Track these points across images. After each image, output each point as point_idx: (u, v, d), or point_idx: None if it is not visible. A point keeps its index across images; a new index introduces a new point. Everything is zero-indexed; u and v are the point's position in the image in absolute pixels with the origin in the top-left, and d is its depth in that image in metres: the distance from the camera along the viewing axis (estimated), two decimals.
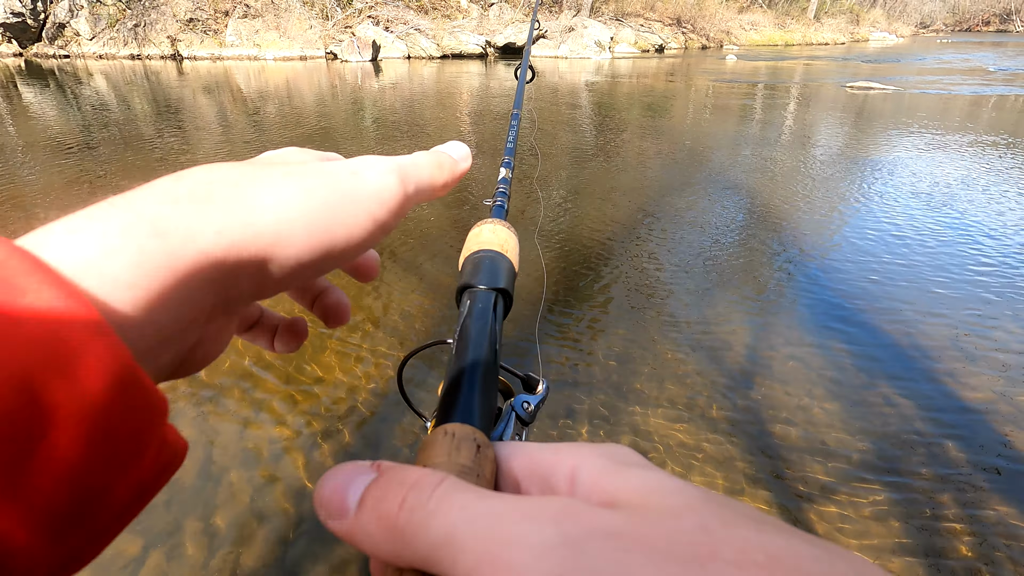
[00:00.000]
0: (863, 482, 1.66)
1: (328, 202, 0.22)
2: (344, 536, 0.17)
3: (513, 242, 0.40)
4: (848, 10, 36.05)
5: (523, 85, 0.77)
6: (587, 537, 0.14)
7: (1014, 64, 16.95)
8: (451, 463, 0.19)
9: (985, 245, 3.37)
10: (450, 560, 0.15)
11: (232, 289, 0.20)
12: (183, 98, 8.91)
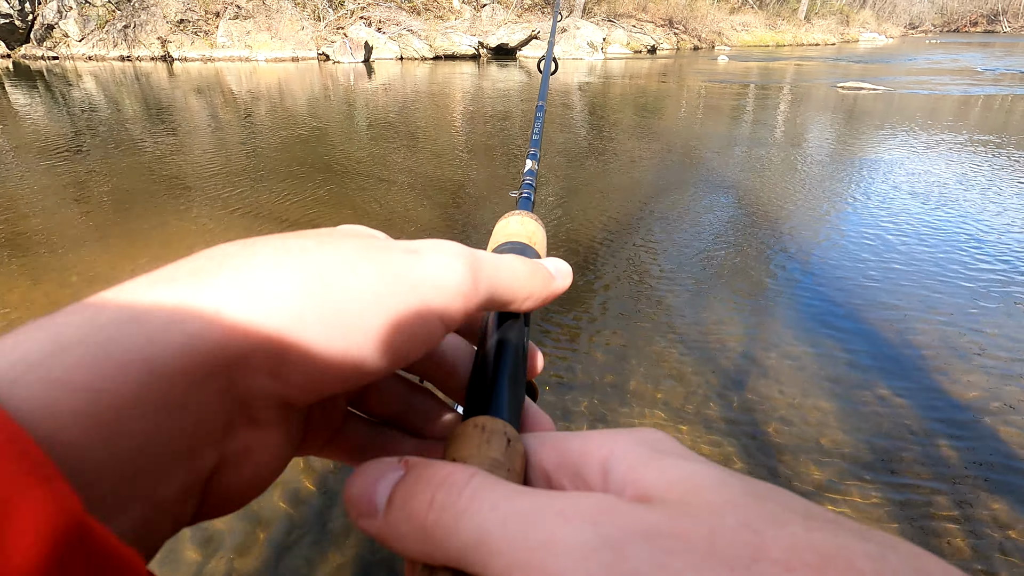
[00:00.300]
0: (858, 481, 1.67)
1: (368, 278, 0.18)
2: (375, 536, 0.17)
3: (541, 235, 0.38)
4: (838, 11, 36.32)
5: (547, 77, 0.75)
6: (626, 539, 0.13)
7: (1002, 64, 17.13)
8: (481, 457, 0.19)
9: (977, 244, 3.40)
10: (482, 562, 0.14)
11: (244, 388, 0.17)
12: (174, 100, 8.85)
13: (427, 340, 0.19)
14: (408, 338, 0.18)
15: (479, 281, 0.20)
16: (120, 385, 0.13)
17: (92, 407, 0.13)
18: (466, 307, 0.20)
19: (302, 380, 0.17)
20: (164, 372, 0.14)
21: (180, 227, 3.57)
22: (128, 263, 3.04)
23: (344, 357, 0.17)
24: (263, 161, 5.28)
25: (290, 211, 3.89)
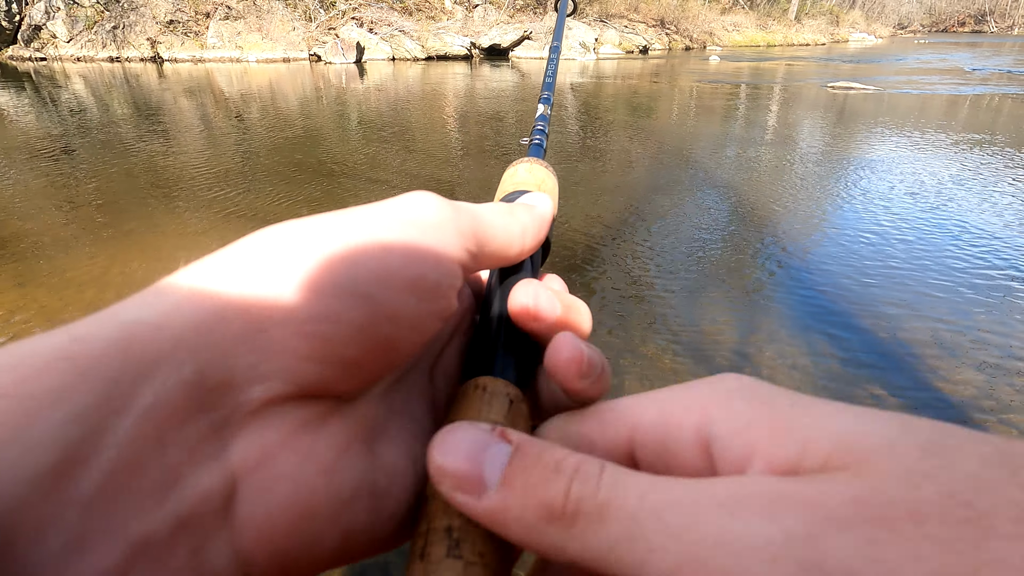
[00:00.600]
0: None
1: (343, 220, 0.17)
2: (481, 515, 0.15)
3: (552, 182, 0.36)
4: (828, 11, 36.59)
5: (563, 18, 0.73)
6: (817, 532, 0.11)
7: (989, 64, 17.31)
8: (481, 420, 0.18)
9: (966, 242, 3.42)
10: (637, 559, 0.12)
11: (220, 373, 0.14)
12: (164, 101, 8.79)
13: (437, 280, 0.17)
14: (416, 256, 0.17)
15: (460, 217, 0.19)
16: (34, 387, 0.11)
17: (5, 414, 0.11)
18: (461, 244, 0.19)
19: (296, 343, 0.15)
20: (92, 369, 0.12)
21: (171, 229, 3.54)
22: (118, 266, 3.01)
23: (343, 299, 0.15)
24: (255, 163, 5.25)
25: (282, 213, 3.86)
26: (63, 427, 0.11)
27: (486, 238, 0.20)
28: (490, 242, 0.20)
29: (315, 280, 0.15)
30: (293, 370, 0.15)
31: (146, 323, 0.13)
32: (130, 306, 0.14)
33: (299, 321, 0.15)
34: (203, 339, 0.14)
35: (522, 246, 0.22)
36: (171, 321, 0.14)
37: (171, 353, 0.13)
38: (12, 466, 0.10)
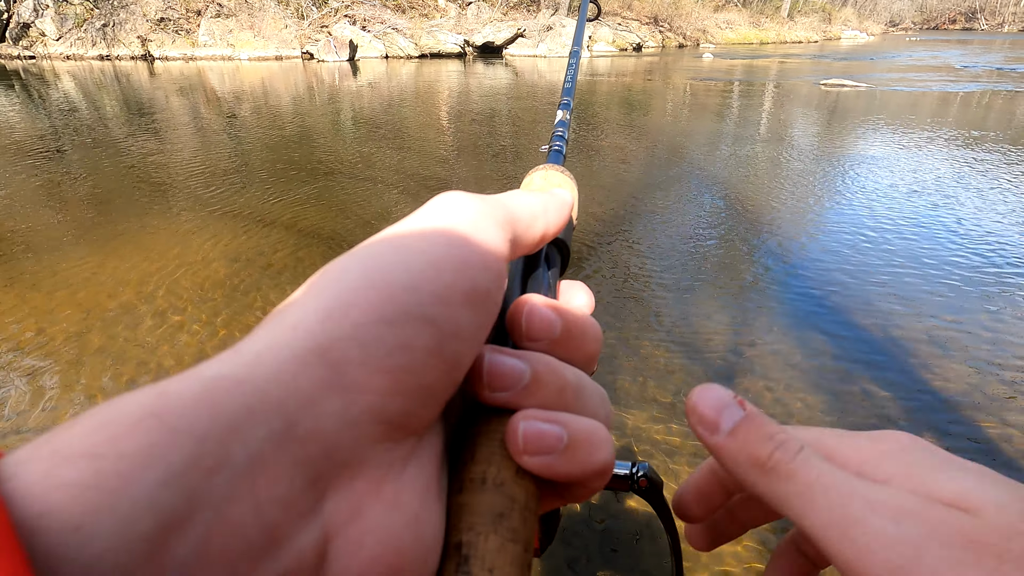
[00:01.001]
0: None
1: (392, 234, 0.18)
2: (711, 447, 0.21)
3: (569, 187, 0.35)
4: (820, 9, 36.72)
5: (583, 22, 0.72)
6: (924, 543, 0.16)
7: (979, 61, 17.44)
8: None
9: (958, 238, 3.45)
10: (800, 510, 0.18)
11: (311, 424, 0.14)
12: (156, 100, 8.72)
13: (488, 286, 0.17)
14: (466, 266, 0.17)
15: (495, 210, 0.19)
16: (125, 446, 0.11)
17: (93, 476, 0.10)
18: (501, 238, 0.19)
19: (379, 379, 0.15)
20: (181, 425, 0.12)
21: (163, 228, 3.52)
22: (109, 265, 2.99)
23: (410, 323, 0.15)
24: (247, 161, 5.22)
25: (275, 211, 3.85)
26: (157, 490, 0.11)
27: (518, 224, 0.20)
28: (520, 227, 0.20)
29: (383, 313, 0.15)
30: (379, 408, 0.15)
31: (229, 378, 0.13)
32: (213, 363, 0.14)
33: (377, 357, 0.15)
34: (287, 389, 0.13)
35: (546, 227, 0.22)
36: (254, 375, 0.13)
37: (258, 407, 0.13)
38: (110, 534, 0.10)
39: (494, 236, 0.18)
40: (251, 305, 2.60)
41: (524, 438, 0.17)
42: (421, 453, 0.17)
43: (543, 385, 0.18)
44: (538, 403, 0.18)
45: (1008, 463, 1.73)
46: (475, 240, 0.18)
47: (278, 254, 3.16)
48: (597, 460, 0.18)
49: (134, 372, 2.13)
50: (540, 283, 0.24)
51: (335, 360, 0.14)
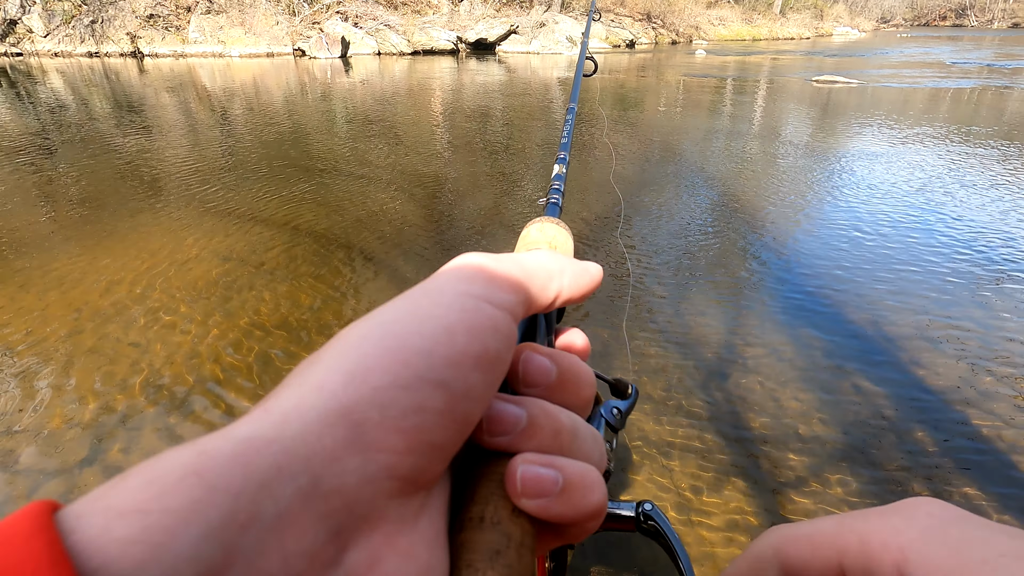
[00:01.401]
0: (836, 471, 1.70)
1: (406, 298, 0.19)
2: None
3: (563, 237, 0.36)
4: (812, 5, 36.82)
5: (579, 79, 0.74)
6: None
7: (970, 57, 17.55)
8: None
9: (950, 234, 3.48)
10: None
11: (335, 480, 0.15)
12: (146, 97, 8.64)
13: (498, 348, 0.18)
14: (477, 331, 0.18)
15: (501, 260, 0.20)
16: (170, 502, 0.12)
17: (142, 532, 0.12)
18: (513, 300, 0.19)
19: (395, 439, 0.16)
20: (219, 483, 0.13)
21: (155, 226, 3.49)
22: (100, 264, 2.96)
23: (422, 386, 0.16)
24: (239, 159, 5.18)
25: (268, 209, 3.82)
26: (199, 544, 0.12)
27: (532, 285, 0.21)
28: (535, 288, 0.21)
29: (399, 377, 0.16)
30: (394, 465, 0.16)
31: (260, 438, 0.14)
32: (245, 423, 0.15)
33: (393, 418, 0.16)
34: (312, 448, 0.14)
35: (559, 290, 0.23)
36: (283, 434, 0.14)
37: (286, 465, 0.14)
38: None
39: (506, 299, 0.19)
40: (244, 305, 2.58)
41: (522, 481, 0.18)
42: (431, 504, 0.18)
43: (539, 429, 0.19)
44: (535, 446, 0.19)
45: (999, 458, 1.74)
46: (487, 305, 0.18)
47: (271, 252, 3.14)
48: (590, 503, 0.19)
49: (126, 372, 2.11)
50: (539, 330, 0.25)
51: (356, 421, 0.15)
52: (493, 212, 3.85)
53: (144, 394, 2.00)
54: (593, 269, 0.25)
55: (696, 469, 1.70)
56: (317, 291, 2.72)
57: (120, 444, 1.78)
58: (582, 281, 0.24)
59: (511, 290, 0.20)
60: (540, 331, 0.26)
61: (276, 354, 2.23)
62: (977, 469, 1.70)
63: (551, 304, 0.23)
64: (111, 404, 1.95)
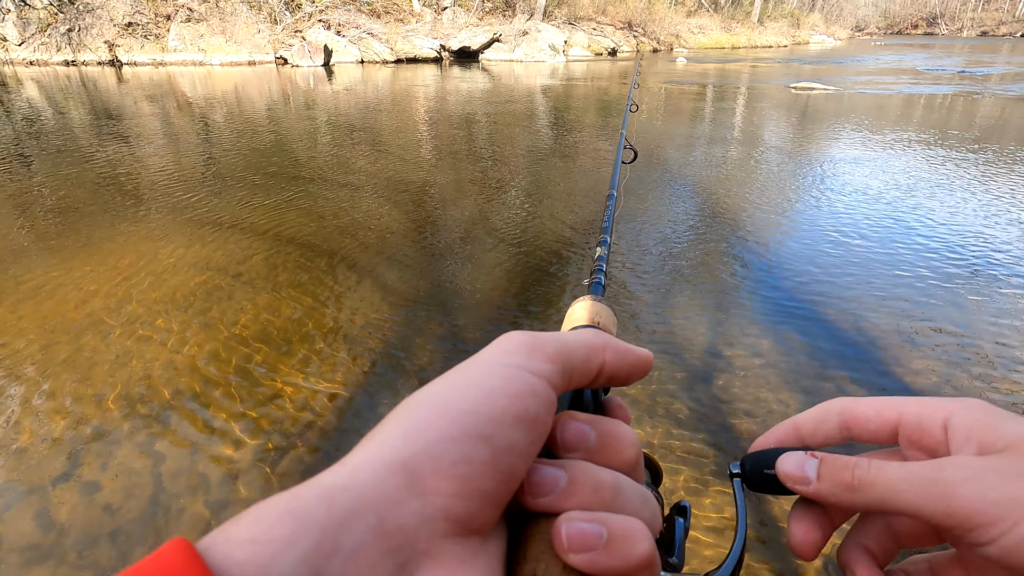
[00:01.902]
0: None
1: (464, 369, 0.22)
2: (812, 496, 0.27)
3: (606, 314, 0.38)
4: (789, 14, 37.58)
5: (619, 166, 0.78)
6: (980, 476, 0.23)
7: (940, 64, 18.02)
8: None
9: (924, 237, 3.54)
10: (895, 501, 0.24)
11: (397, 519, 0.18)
12: (124, 105, 8.52)
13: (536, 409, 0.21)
14: (517, 394, 0.20)
15: (542, 336, 0.23)
16: (273, 534, 0.15)
17: (252, 556, 0.15)
18: (550, 370, 0.22)
19: (447, 485, 0.18)
20: (308, 520, 0.16)
21: (134, 236, 3.43)
22: (76, 276, 2.90)
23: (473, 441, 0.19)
24: (221, 167, 5.12)
25: (250, 217, 3.78)
26: (295, 567, 0.15)
27: (573, 360, 0.23)
28: (576, 362, 0.23)
29: (449, 432, 0.19)
30: (448, 508, 0.18)
31: (338, 485, 0.17)
32: (328, 473, 0.18)
33: (445, 467, 0.18)
34: (379, 493, 0.17)
35: (602, 365, 0.25)
36: (355, 481, 0.17)
37: (359, 507, 0.17)
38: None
39: (544, 368, 0.22)
40: (223, 316, 2.54)
41: (567, 537, 0.20)
42: (487, 552, 0.20)
43: (580, 487, 0.21)
44: (578, 503, 0.21)
45: None
46: (526, 372, 0.21)
47: (252, 262, 3.10)
48: (637, 553, 0.20)
49: (101, 386, 2.06)
50: (583, 399, 0.28)
51: (413, 470, 0.18)
52: (478, 219, 3.85)
53: (119, 409, 1.96)
54: (639, 351, 0.26)
55: (683, 471, 1.70)
56: (298, 301, 2.68)
57: (97, 460, 1.73)
58: (626, 360, 0.25)
59: (549, 360, 0.22)
60: (586, 404, 0.28)
61: (256, 368, 2.20)
62: None
63: (595, 379, 0.25)
64: (86, 419, 1.90)
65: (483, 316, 2.58)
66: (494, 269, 3.07)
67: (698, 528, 1.53)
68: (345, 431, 1.86)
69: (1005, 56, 22.80)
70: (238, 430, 1.86)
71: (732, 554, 0.30)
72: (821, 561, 1.44)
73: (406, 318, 2.55)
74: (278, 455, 1.75)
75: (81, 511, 1.55)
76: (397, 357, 2.26)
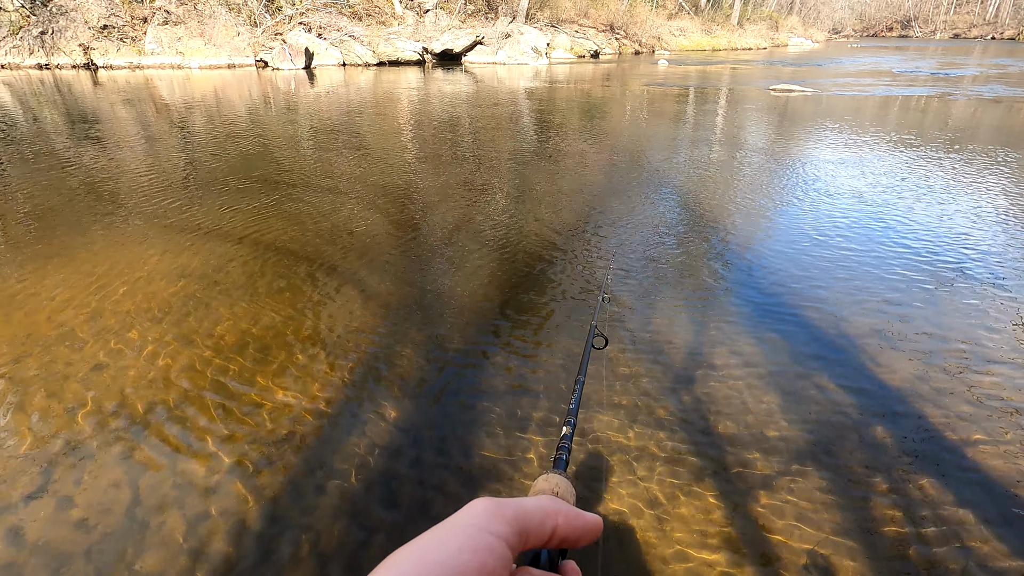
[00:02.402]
0: (801, 470, 1.73)
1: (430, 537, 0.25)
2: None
3: (565, 486, 0.46)
4: (768, 17, 38.11)
5: (589, 352, 0.84)
6: None
7: (914, 66, 18.40)
8: None
9: (902, 237, 3.61)
10: None
11: None
12: (101, 110, 8.36)
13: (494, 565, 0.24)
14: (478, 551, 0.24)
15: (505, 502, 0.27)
16: None
17: None
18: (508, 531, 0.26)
19: None
20: None
21: (109, 244, 3.36)
22: (47, 285, 2.83)
23: None
24: (199, 172, 5.05)
25: (228, 224, 3.72)
26: None
27: (528, 522, 0.27)
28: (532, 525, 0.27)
29: None
30: None
31: None
32: None
33: None
34: None
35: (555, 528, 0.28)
36: None
37: None
38: None
39: (502, 530, 0.26)
40: (198, 327, 2.50)
41: None
42: None
43: None
44: None
45: (951, 448, 1.80)
46: (487, 533, 0.25)
47: (230, 269, 3.05)
48: None
49: (73, 401, 2.02)
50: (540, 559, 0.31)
51: None
52: (461, 222, 3.83)
53: (93, 423, 1.91)
54: (589, 516, 0.30)
55: (666, 474, 1.71)
56: (277, 310, 2.65)
57: (71, 476, 1.69)
58: (576, 523, 0.29)
59: (507, 523, 0.26)
60: (542, 563, 0.31)
61: (232, 381, 2.16)
62: (932, 462, 1.75)
63: (549, 540, 0.28)
64: (58, 434, 1.86)
65: (465, 322, 2.57)
66: (476, 273, 3.06)
67: (680, 529, 1.53)
68: (324, 443, 1.84)
69: (977, 58, 23.35)
70: (214, 444, 1.82)
71: None
72: (803, 560, 1.45)
73: (387, 326, 2.53)
74: (256, 469, 1.72)
75: (54, 528, 1.52)
76: (378, 367, 2.24)
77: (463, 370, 2.21)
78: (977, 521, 1.55)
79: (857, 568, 1.43)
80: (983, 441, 1.85)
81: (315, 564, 1.43)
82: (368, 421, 1.93)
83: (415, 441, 1.84)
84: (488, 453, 1.79)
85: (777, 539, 1.51)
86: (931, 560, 1.45)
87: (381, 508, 1.58)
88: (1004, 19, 49.99)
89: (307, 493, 1.64)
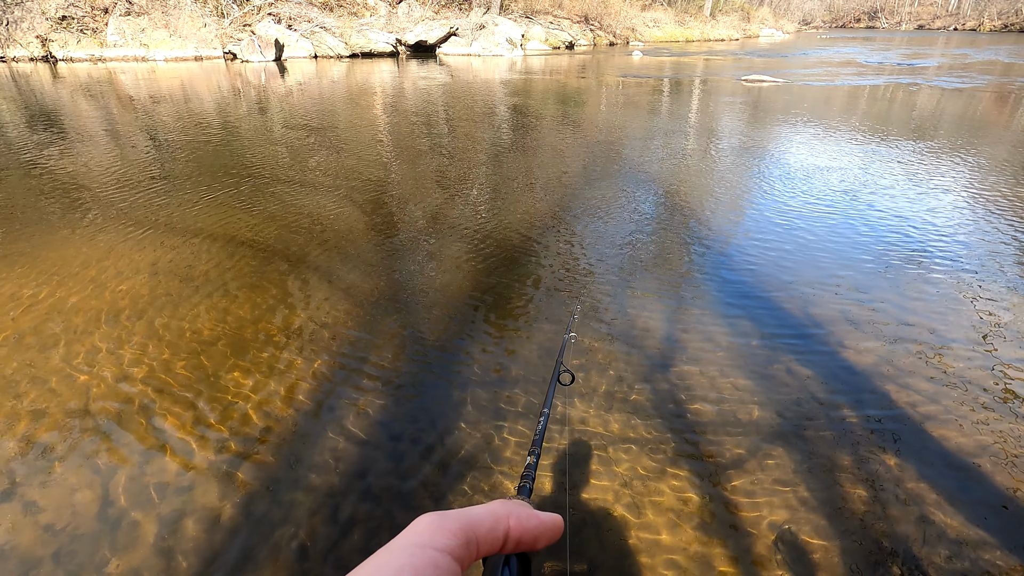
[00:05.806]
0: (773, 451, 1.77)
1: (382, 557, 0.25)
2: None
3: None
4: (739, 8, 38.51)
5: (554, 386, 0.84)
6: None
7: (880, 57, 18.82)
8: None
9: (869, 225, 3.71)
10: None
11: None
12: (61, 104, 8.07)
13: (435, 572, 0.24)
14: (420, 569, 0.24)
15: (448, 514, 0.26)
16: None
17: None
18: (453, 543, 0.25)
19: None
20: None
21: (73, 244, 3.26)
22: (10, 286, 2.74)
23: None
24: (168, 167, 4.92)
25: (200, 219, 3.65)
26: None
27: (478, 530, 0.27)
28: (481, 532, 0.27)
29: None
30: None
31: None
32: None
33: None
34: None
35: (508, 531, 0.28)
36: None
37: None
38: None
39: (447, 543, 0.25)
40: (169, 324, 2.45)
41: None
42: None
43: None
44: None
45: (915, 429, 1.87)
46: (430, 549, 0.25)
47: (200, 266, 2.99)
48: None
49: (41, 402, 1.96)
50: (498, 566, 0.30)
51: None
52: (437, 214, 3.82)
53: (61, 423, 1.87)
54: (545, 516, 0.29)
55: (641, 458, 1.74)
56: (250, 305, 2.61)
57: (38, 478, 1.65)
58: (530, 524, 0.28)
59: (452, 536, 0.26)
60: (499, 570, 0.30)
61: (205, 377, 2.13)
62: (895, 440, 1.82)
63: (504, 543, 0.28)
64: (25, 435, 1.81)
65: (443, 314, 2.57)
66: (453, 264, 3.05)
67: (655, 513, 1.56)
68: (301, 438, 1.83)
69: (940, 48, 23.97)
70: (189, 441, 1.80)
71: None
72: (772, 536, 1.49)
73: (364, 319, 2.51)
74: (231, 466, 1.70)
75: (22, 532, 1.48)
76: (355, 360, 2.23)
77: (440, 362, 2.21)
78: (936, 494, 1.62)
79: (824, 543, 1.48)
80: (943, 418, 1.92)
81: (293, 560, 1.42)
82: (345, 415, 1.92)
83: (393, 434, 1.84)
84: (466, 444, 1.80)
85: (748, 516, 1.55)
86: (893, 533, 1.50)
87: (359, 502, 1.58)
88: (966, 11, 51.43)
89: (284, 489, 1.63)
